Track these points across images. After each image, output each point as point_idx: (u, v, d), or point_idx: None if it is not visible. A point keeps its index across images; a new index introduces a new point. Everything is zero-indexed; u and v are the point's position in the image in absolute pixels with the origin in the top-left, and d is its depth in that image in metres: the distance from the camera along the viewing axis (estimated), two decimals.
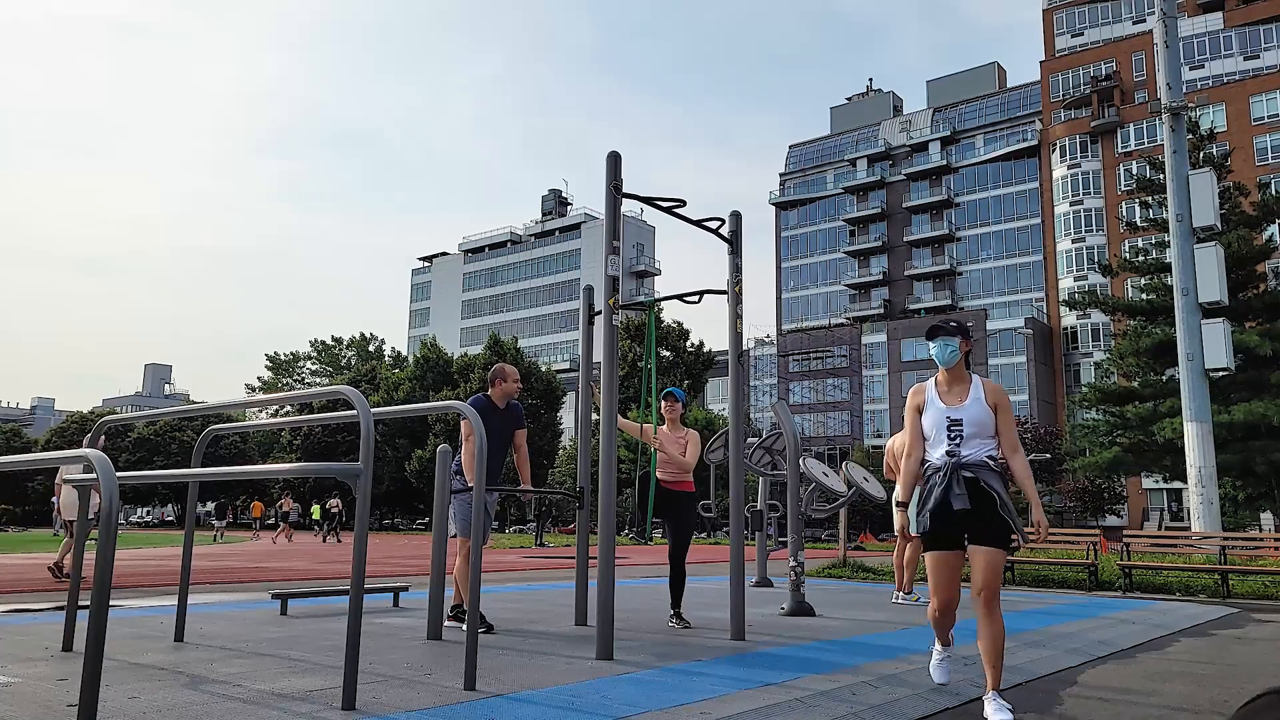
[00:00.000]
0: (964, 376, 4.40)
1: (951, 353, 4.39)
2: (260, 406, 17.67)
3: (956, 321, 4.45)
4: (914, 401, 4.48)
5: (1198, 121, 28.34)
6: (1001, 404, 4.33)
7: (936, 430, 4.32)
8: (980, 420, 4.26)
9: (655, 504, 6.74)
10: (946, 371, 4.41)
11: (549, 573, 14.42)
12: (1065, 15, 72.80)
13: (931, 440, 4.34)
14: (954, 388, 4.39)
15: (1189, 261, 16.50)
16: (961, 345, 4.42)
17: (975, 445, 4.24)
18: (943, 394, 4.39)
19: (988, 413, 4.28)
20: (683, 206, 6.08)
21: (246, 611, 7.54)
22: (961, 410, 4.29)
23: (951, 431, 4.28)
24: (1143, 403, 27.84)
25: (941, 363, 4.40)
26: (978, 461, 4.22)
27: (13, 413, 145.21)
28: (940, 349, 4.41)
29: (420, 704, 3.86)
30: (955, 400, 4.34)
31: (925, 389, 4.46)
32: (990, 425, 4.28)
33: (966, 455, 4.22)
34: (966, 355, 4.46)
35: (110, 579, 2.97)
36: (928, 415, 4.38)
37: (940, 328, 4.45)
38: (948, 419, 4.30)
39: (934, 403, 4.39)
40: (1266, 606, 10.39)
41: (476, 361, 59.87)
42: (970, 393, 4.34)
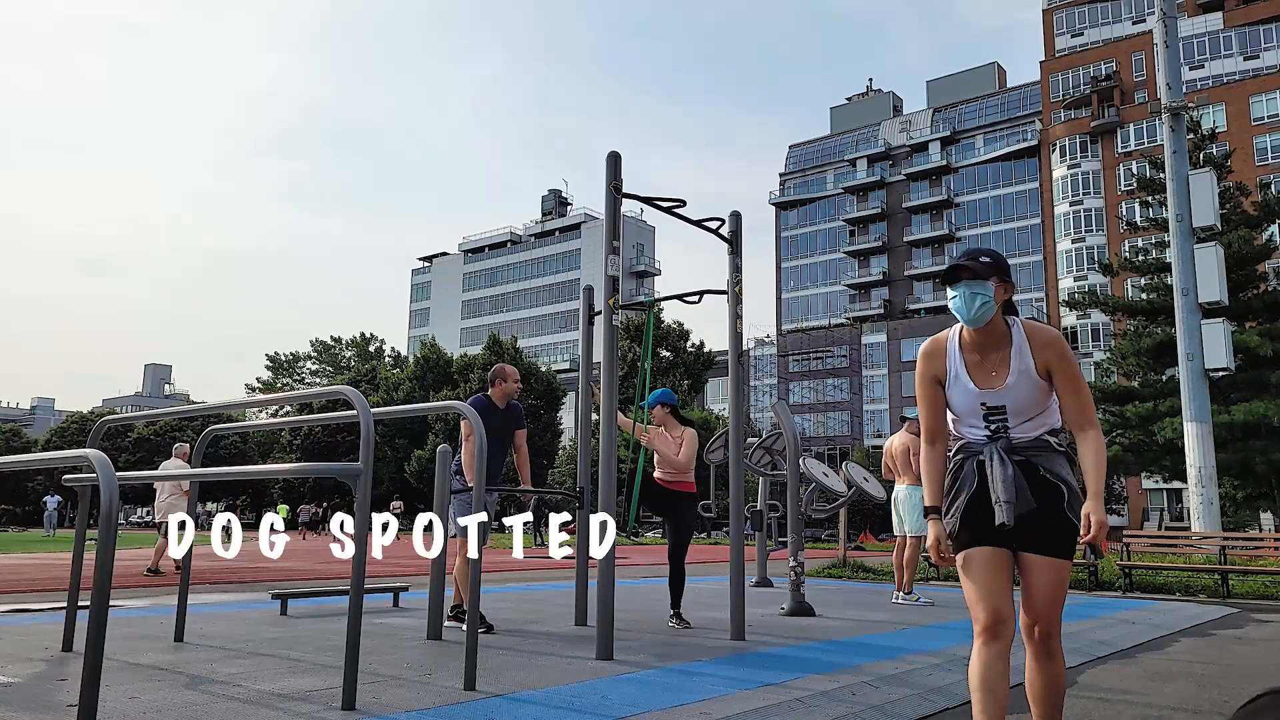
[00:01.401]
0: (1001, 334, 2.98)
1: (982, 305, 2.92)
2: (260, 406, 17.69)
3: (990, 254, 3.00)
4: (929, 368, 3.09)
5: (1198, 121, 28.34)
6: (1058, 361, 2.93)
7: (968, 416, 3.07)
8: (1031, 402, 2.96)
9: (654, 503, 6.74)
10: (976, 331, 2.99)
11: (549, 573, 14.42)
12: (1065, 15, 72.80)
13: (963, 422, 3.09)
14: (989, 354, 2.99)
15: (1189, 261, 16.50)
16: (998, 291, 2.95)
17: (1025, 426, 3.00)
18: (972, 365, 3.01)
19: (1039, 386, 2.95)
20: (683, 206, 6.08)
21: (246, 611, 7.54)
22: (1004, 394, 2.96)
23: (991, 421, 3.01)
24: (1143, 403, 27.84)
25: (968, 320, 2.96)
26: (1033, 442, 2.99)
27: (13, 413, 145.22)
28: (964, 300, 2.94)
29: (420, 704, 3.86)
30: (991, 374, 2.98)
31: (945, 348, 3.06)
32: (1044, 398, 2.97)
33: (1017, 438, 3.00)
34: (1006, 303, 3.02)
35: (110, 579, 2.97)
36: (955, 395, 3.04)
37: (965, 267, 2.94)
38: (983, 406, 3.00)
39: (961, 380, 3.01)
40: (1266, 606, 10.39)
41: (476, 361, 59.89)
42: (1013, 362, 2.94)
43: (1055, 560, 2.93)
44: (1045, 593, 2.92)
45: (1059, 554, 2.93)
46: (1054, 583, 2.94)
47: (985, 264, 2.96)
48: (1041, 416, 3.01)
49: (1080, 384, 2.97)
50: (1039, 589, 2.93)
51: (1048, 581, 2.93)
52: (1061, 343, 2.96)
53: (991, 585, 2.93)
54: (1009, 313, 3.03)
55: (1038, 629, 2.95)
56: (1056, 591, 2.94)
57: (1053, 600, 2.93)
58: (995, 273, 2.95)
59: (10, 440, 75.81)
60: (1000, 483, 2.92)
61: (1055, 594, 2.94)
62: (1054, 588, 2.94)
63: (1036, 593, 2.94)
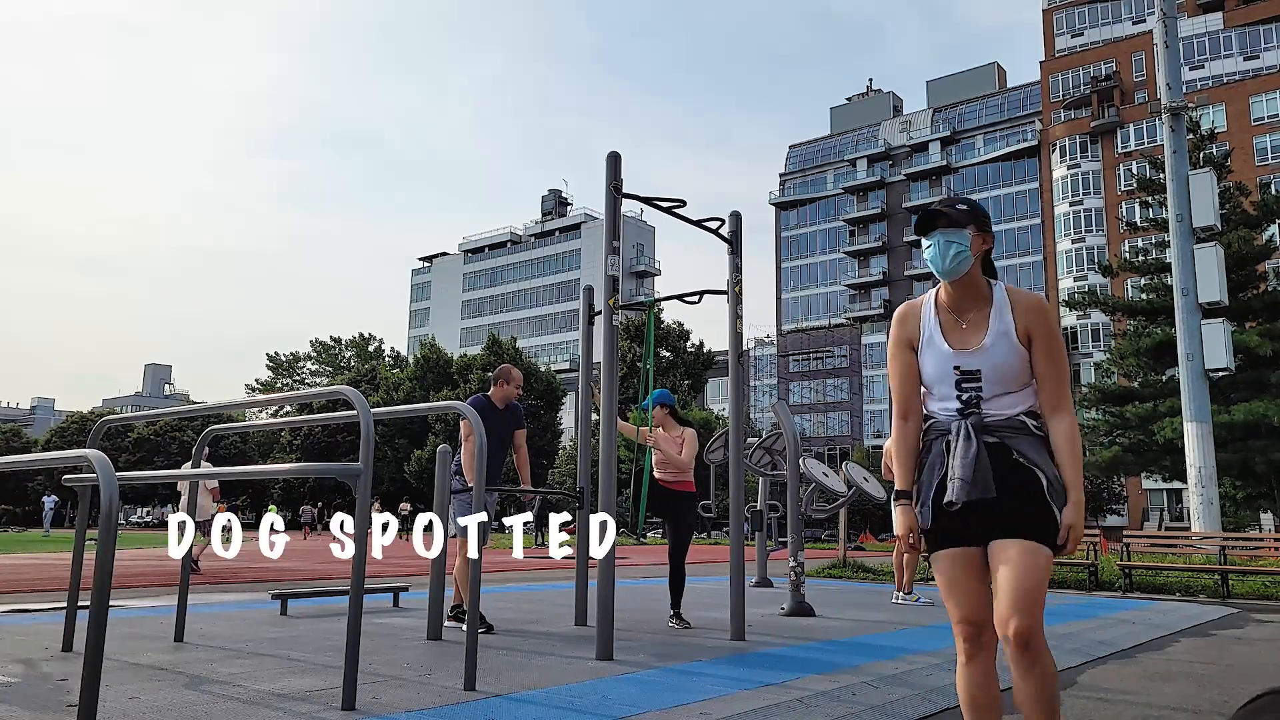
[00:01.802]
0: (980, 292, 2.73)
1: (958, 255, 2.68)
2: (260, 407, 17.70)
3: (967, 201, 2.76)
4: (902, 332, 2.81)
5: (1198, 121, 28.35)
6: (1041, 331, 2.67)
7: (939, 384, 2.76)
8: (1010, 369, 2.67)
9: (654, 503, 6.74)
10: (952, 286, 2.73)
11: (549, 573, 14.42)
12: (1065, 15, 72.79)
13: (934, 395, 2.79)
14: (966, 313, 2.73)
15: (1189, 261, 16.50)
16: (976, 240, 2.70)
17: (1004, 401, 2.69)
18: (948, 325, 2.74)
19: (1020, 354, 2.67)
20: (683, 207, 6.08)
21: (246, 611, 7.54)
22: (980, 355, 2.68)
23: (964, 388, 2.71)
24: (1143, 403, 27.85)
25: (941, 272, 2.69)
26: (1008, 421, 2.68)
27: (13, 413, 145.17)
28: (938, 250, 2.69)
29: (420, 704, 3.86)
30: (967, 336, 2.71)
31: (920, 311, 2.80)
32: (1025, 370, 2.69)
33: (990, 414, 2.69)
34: (986, 256, 2.76)
35: (110, 579, 2.97)
36: (927, 359, 2.76)
37: (940, 213, 2.71)
38: (956, 370, 2.70)
39: (935, 342, 2.75)
40: (1266, 606, 10.39)
41: (476, 362, 59.90)
42: (992, 322, 2.69)
43: (1031, 544, 2.55)
44: (1019, 584, 2.50)
45: (1035, 537, 2.57)
46: (1029, 571, 2.51)
47: (962, 211, 2.71)
48: (1021, 393, 2.70)
49: (1061, 359, 2.68)
50: (1012, 580, 2.51)
51: (1022, 570, 2.51)
52: (1046, 309, 2.70)
53: (967, 589, 2.65)
54: (989, 273, 2.78)
55: (1014, 629, 2.49)
56: (1033, 582, 2.51)
57: (1029, 594, 2.50)
58: (973, 221, 2.70)
59: (10, 440, 75.80)
60: (959, 459, 2.63)
61: (1031, 585, 2.51)
62: (1029, 577, 2.51)
63: (1009, 585, 2.51)
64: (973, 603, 2.65)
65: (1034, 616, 2.51)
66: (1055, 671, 2.58)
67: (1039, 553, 2.55)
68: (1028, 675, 2.55)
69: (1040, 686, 2.54)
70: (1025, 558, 2.54)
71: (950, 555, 2.68)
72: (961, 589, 2.66)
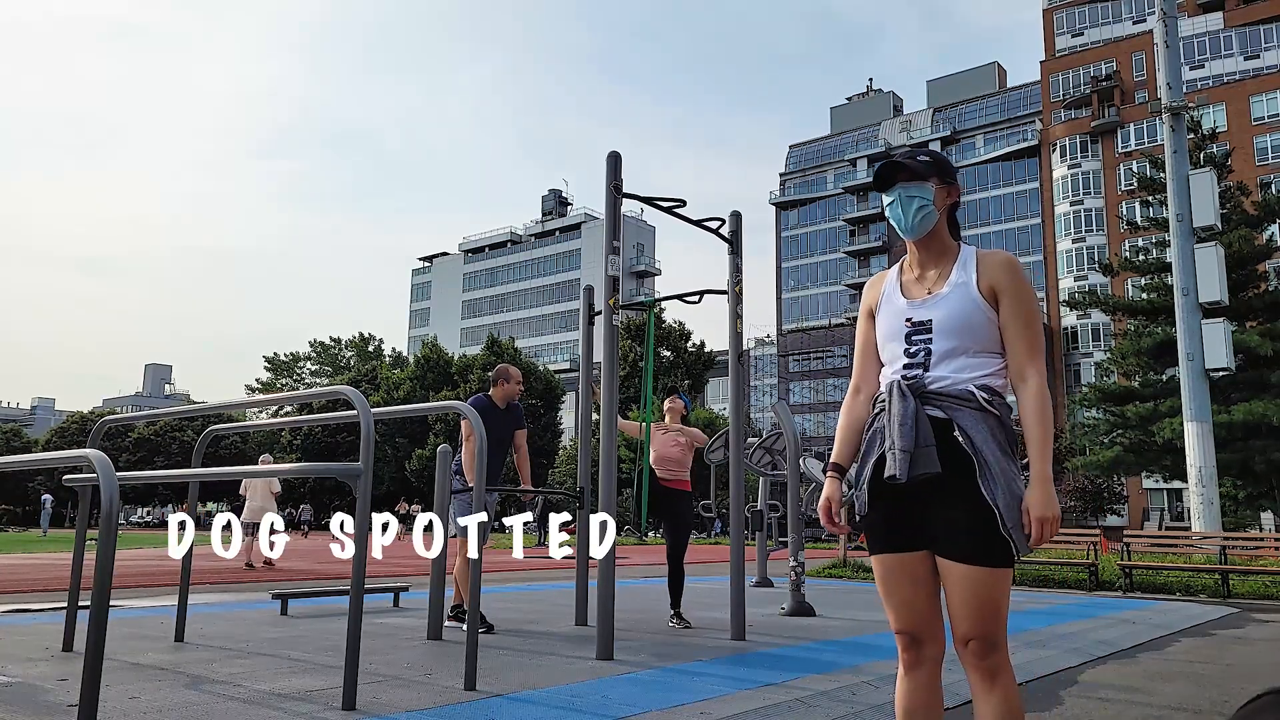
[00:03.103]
0: (946, 249, 2.49)
1: (921, 210, 2.45)
2: (260, 407, 17.71)
3: (931, 152, 2.55)
4: (868, 300, 2.61)
5: (1198, 121, 28.35)
6: (1007, 286, 2.36)
7: (890, 342, 2.46)
8: (965, 319, 2.35)
9: (651, 501, 6.74)
10: (916, 245, 2.51)
11: (549, 573, 14.42)
12: (1065, 15, 72.79)
13: (886, 359, 2.50)
14: (928, 270, 2.49)
15: (1189, 261, 16.50)
16: (940, 194, 2.48)
17: (955, 364, 2.35)
18: (908, 283, 2.51)
19: (980, 306, 2.36)
20: (683, 206, 6.08)
21: (246, 611, 7.54)
22: (931, 304, 2.40)
23: (913, 342, 2.40)
24: (1143, 402, 27.86)
25: (904, 230, 2.47)
26: (956, 391, 2.32)
27: (13, 413, 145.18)
28: (900, 205, 2.48)
29: (420, 704, 3.86)
30: (925, 289, 2.46)
31: (885, 278, 2.60)
32: (985, 329, 2.36)
33: (935, 379, 2.34)
34: (952, 212, 2.53)
35: (110, 579, 2.97)
36: (881, 319, 2.51)
37: (901, 165, 2.49)
38: (907, 322, 2.42)
39: (891, 299, 2.50)
40: (1267, 606, 10.39)
41: (476, 362, 59.90)
42: (953, 274, 2.42)
43: (973, 568, 2.22)
44: (975, 598, 2.23)
45: (974, 558, 2.22)
46: (978, 592, 2.22)
47: (924, 162, 2.48)
48: (978, 358, 2.35)
49: (1032, 317, 2.36)
50: (966, 597, 2.24)
51: (971, 591, 2.23)
52: (1016, 266, 2.40)
53: (905, 599, 2.36)
54: (956, 234, 2.53)
55: (971, 640, 2.25)
56: (980, 602, 2.22)
57: (986, 605, 2.23)
58: (936, 172, 2.48)
59: (10, 440, 75.80)
60: (896, 423, 2.29)
61: (980, 604, 2.22)
62: (980, 599, 2.22)
63: (962, 602, 2.26)
64: (912, 614, 2.37)
65: (993, 635, 2.25)
66: (1018, 693, 2.31)
67: (987, 575, 2.23)
68: (989, 694, 2.27)
69: (1003, 708, 2.27)
70: (975, 580, 2.23)
71: (886, 561, 2.38)
72: (898, 597, 2.38)
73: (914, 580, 2.34)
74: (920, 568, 2.34)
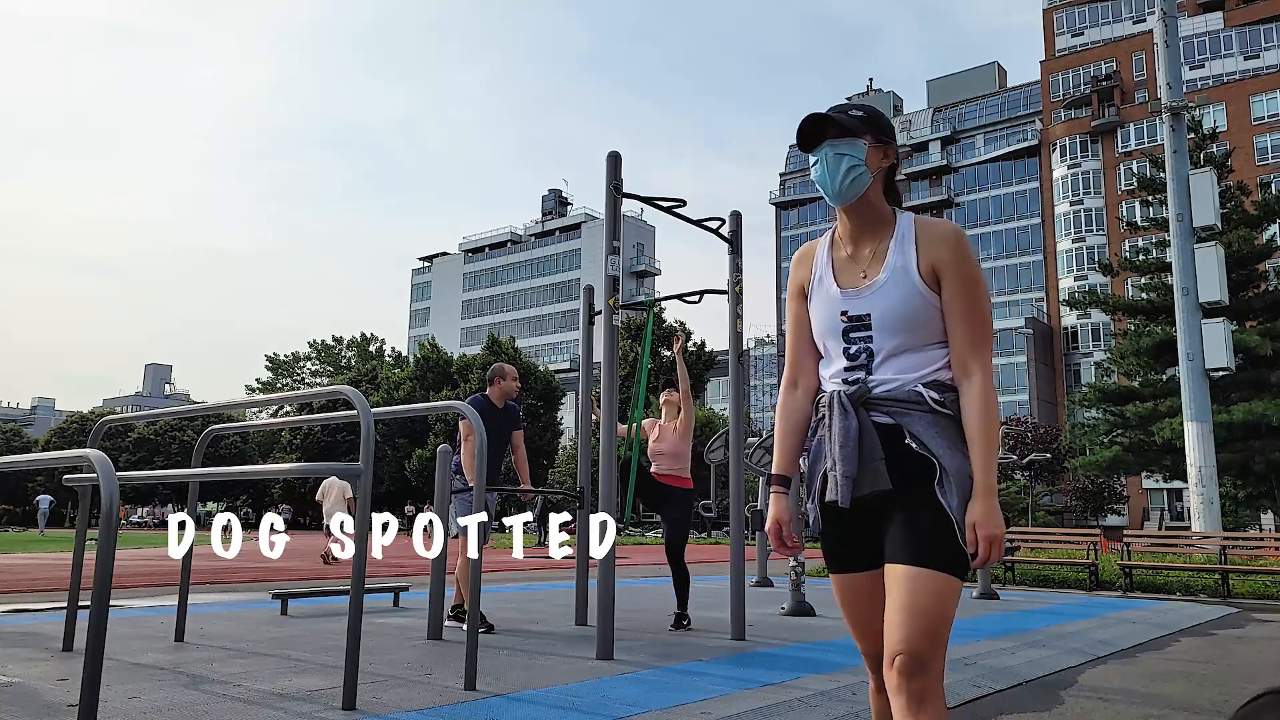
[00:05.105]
0: (882, 220, 2.19)
1: (851, 171, 2.13)
2: (260, 406, 17.70)
3: (864, 107, 2.20)
4: (796, 278, 2.30)
5: (1198, 121, 28.35)
6: (950, 264, 2.09)
7: (827, 338, 2.20)
8: (907, 312, 2.10)
9: (648, 497, 6.72)
10: (847, 214, 2.19)
11: (549, 573, 14.42)
12: (1065, 15, 72.80)
13: (826, 356, 2.24)
14: (862, 246, 2.19)
15: (1189, 261, 16.51)
16: (874, 154, 2.16)
17: (900, 362, 2.11)
18: (840, 264, 2.21)
19: (922, 293, 2.09)
20: (683, 206, 6.08)
21: (246, 611, 7.54)
22: (869, 295, 2.13)
23: (851, 340, 2.15)
24: (1143, 402, 27.86)
25: (832, 194, 2.15)
26: (904, 394, 2.09)
27: (13, 413, 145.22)
28: (826, 166, 2.15)
29: (420, 704, 3.87)
30: (860, 274, 2.16)
31: (815, 251, 2.28)
32: (932, 319, 2.10)
33: (880, 382, 2.11)
34: (889, 175, 2.21)
35: (110, 579, 2.97)
36: (815, 307, 2.23)
37: (827, 120, 2.15)
38: (843, 316, 2.16)
39: (824, 283, 2.21)
40: (1267, 606, 10.39)
41: (476, 361, 59.88)
42: (890, 254, 2.13)
43: (923, 571, 1.98)
44: (904, 612, 1.97)
45: (928, 561, 1.99)
46: (924, 593, 1.97)
47: (856, 117, 2.16)
48: (926, 352, 2.11)
49: (977, 304, 2.08)
50: (903, 605, 1.98)
51: (911, 599, 1.97)
52: (961, 239, 2.11)
53: (868, 619, 2.16)
54: (895, 201, 2.24)
55: (898, 660, 1.96)
56: (919, 610, 1.96)
57: (916, 622, 1.96)
58: (870, 129, 2.15)
59: (10, 440, 75.81)
60: (838, 444, 2.08)
61: (919, 612, 1.96)
62: (917, 604, 1.97)
63: (897, 610, 1.98)
64: (877, 636, 2.14)
65: (928, 641, 1.95)
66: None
67: (936, 581, 1.98)
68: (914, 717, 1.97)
69: None
70: (921, 586, 1.98)
71: (845, 581, 2.19)
72: (860, 619, 2.18)
73: (874, 600, 2.14)
74: (877, 588, 2.13)
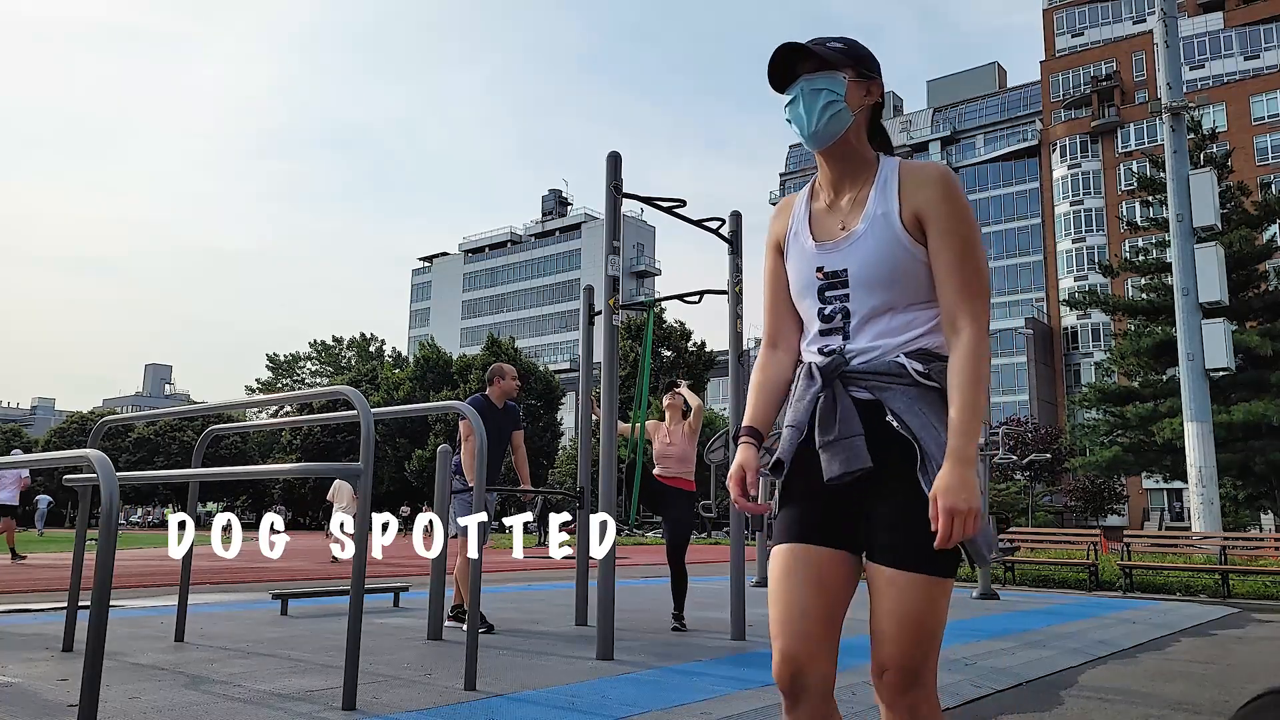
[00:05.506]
0: (864, 164, 1.94)
1: (829, 108, 1.88)
2: (260, 407, 17.70)
3: (844, 40, 1.95)
4: (774, 231, 2.06)
5: (1198, 121, 28.35)
6: (935, 207, 1.83)
7: (804, 299, 1.97)
8: (887, 266, 1.85)
9: (650, 499, 6.73)
10: (826, 159, 1.94)
11: (549, 573, 14.42)
12: (1065, 15, 72.80)
13: (803, 318, 2.01)
14: (842, 194, 1.95)
15: (1189, 261, 16.51)
16: (855, 90, 1.91)
17: (880, 325, 1.87)
18: (818, 214, 1.97)
19: (904, 244, 1.84)
20: (683, 206, 6.08)
21: (246, 611, 7.54)
22: (846, 248, 1.89)
23: (827, 299, 1.92)
24: (1143, 403, 27.84)
25: (808, 135, 1.90)
26: (884, 366, 1.85)
27: (13, 413, 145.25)
28: (803, 102, 1.90)
29: (420, 704, 3.87)
30: (838, 225, 1.92)
31: (793, 204, 2.03)
32: (916, 274, 1.85)
33: (858, 353, 1.87)
34: (874, 115, 1.98)
35: (110, 579, 2.97)
36: (791, 263, 1.99)
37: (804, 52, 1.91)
38: (819, 274, 1.92)
39: (799, 236, 1.97)
40: (1267, 606, 10.39)
41: (476, 362, 59.88)
42: (870, 202, 1.88)
43: (909, 575, 1.76)
44: (895, 623, 1.77)
45: (914, 563, 1.76)
46: (914, 599, 1.76)
47: (836, 49, 1.90)
48: (910, 313, 1.86)
49: (968, 246, 1.82)
50: (883, 614, 1.79)
51: (899, 606, 1.77)
52: (950, 181, 1.84)
53: (801, 605, 1.82)
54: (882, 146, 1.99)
55: (886, 675, 1.79)
56: (907, 617, 1.77)
57: (909, 635, 1.77)
58: (852, 62, 1.90)
59: (10, 440, 75.81)
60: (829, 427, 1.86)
61: (912, 624, 1.77)
62: (905, 611, 1.77)
63: (880, 620, 1.80)
64: (803, 625, 1.81)
65: (919, 650, 1.78)
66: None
67: (923, 585, 1.77)
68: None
69: None
70: (908, 590, 1.77)
71: (789, 554, 1.86)
72: (791, 602, 1.82)
73: (819, 584, 1.82)
74: (830, 571, 1.83)
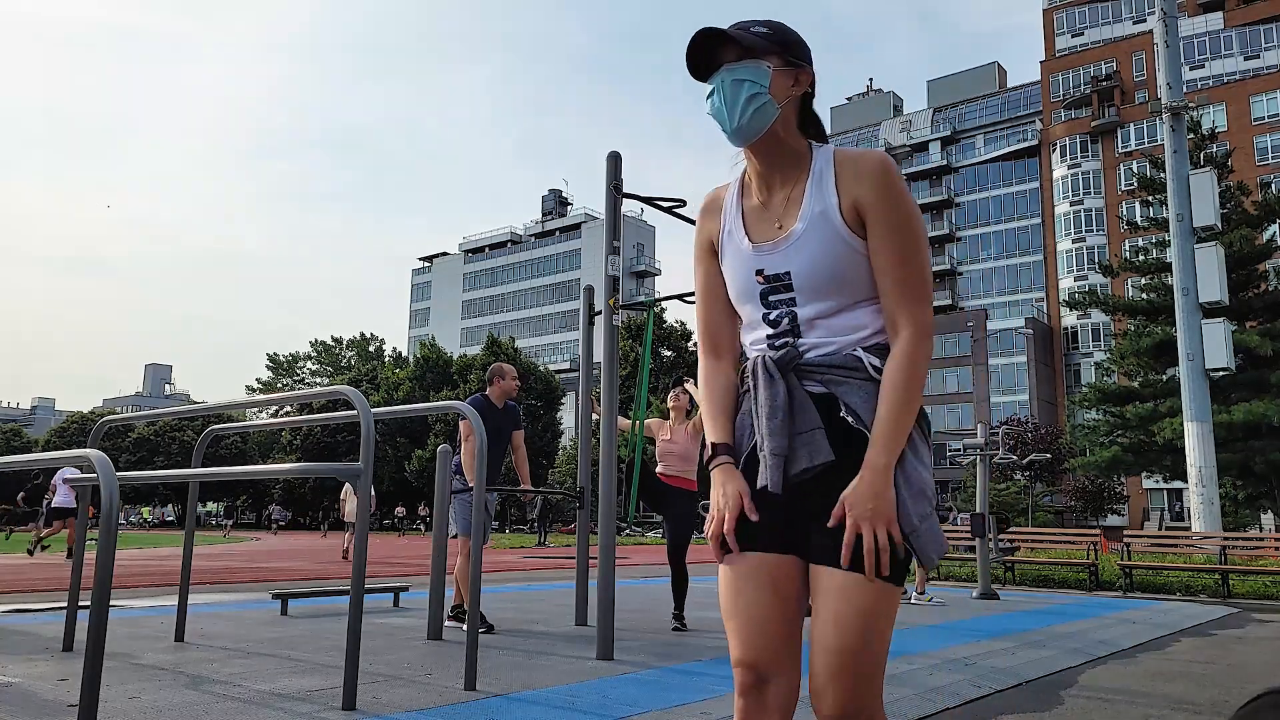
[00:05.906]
0: (796, 157, 1.79)
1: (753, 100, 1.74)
2: (260, 406, 17.75)
3: (770, 23, 1.80)
4: (704, 230, 1.90)
5: (1198, 121, 28.34)
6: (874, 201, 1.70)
7: (744, 302, 1.83)
8: (830, 267, 1.72)
9: (651, 498, 6.73)
10: (755, 154, 1.79)
11: (549, 573, 14.42)
12: (1065, 15, 72.80)
13: (745, 322, 1.86)
14: (774, 189, 1.80)
15: (1189, 261, 16.50)
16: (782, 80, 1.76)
17: (832, 324, 1.75)
18: (752, 213, 1.83)
19: (847, 242, 1.72)
20: (683, 206, 6.08)
21: (246, 611, 7.54)
22: (786, 249, 1.75)
23: (771, 304, 1.79)
24: (1143, 403, 27.83)
25: (730, 130, 1.76)
26: (840, 360, 1.73)
27: (13, 413, 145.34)
28: (723, 95, 1.77)
29: (420, 704, 3.86)
30: (775, 222, 1.78)
31: (723, 200, 1.89)
32: (862, 272, 1.73)
33: (812, 346, 1.75)
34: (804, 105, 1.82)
35: (110, 579, 2.97)
36: (727, 265, 1.84)
37: (719, 35, 1.77)
38: (759, 277, 1.78)
39: (734, 237, 1.83)
40: (1267, 606, 10.39)
41: (476, 361, 59.89)
42: (807, 198, 1.75)
43: (853, 578, 1.61)
44: (841, 638, 1.61)
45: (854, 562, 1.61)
46: (856, 615, 1.61)
47: (760, 34, 1.75)
48: (861, 310, 1.74)
49: (909, 244, 1.70)
50: (831, 631, 1.62)
51: (843, 615, 1.61)
52: (887, 169, 1.71)
53: (757, 614, 1.70)
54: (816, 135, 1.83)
55: (829, 699, 1.63)
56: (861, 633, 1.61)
57: (852, 646, 1.61)
58: (777, 48, 1.75)
59: (10, 440, 75.81)
60: (765, 417, 1.72)
61: (854, 634, 1.61)
62: (856, 625, 1.61)
63: (825, 638, 1.63)
64: (762, 637, 1.69)
65: (864, 690, 1.63)
66: None
67: (868, 592, 1.61)
68: None
69: None
70: (851, 599, 1.61)
71: (741, 563, 1.73)
72: (747, 613, 1.70)
73: (775, 591, 1.70)
74: (785, 577, 1.71)
